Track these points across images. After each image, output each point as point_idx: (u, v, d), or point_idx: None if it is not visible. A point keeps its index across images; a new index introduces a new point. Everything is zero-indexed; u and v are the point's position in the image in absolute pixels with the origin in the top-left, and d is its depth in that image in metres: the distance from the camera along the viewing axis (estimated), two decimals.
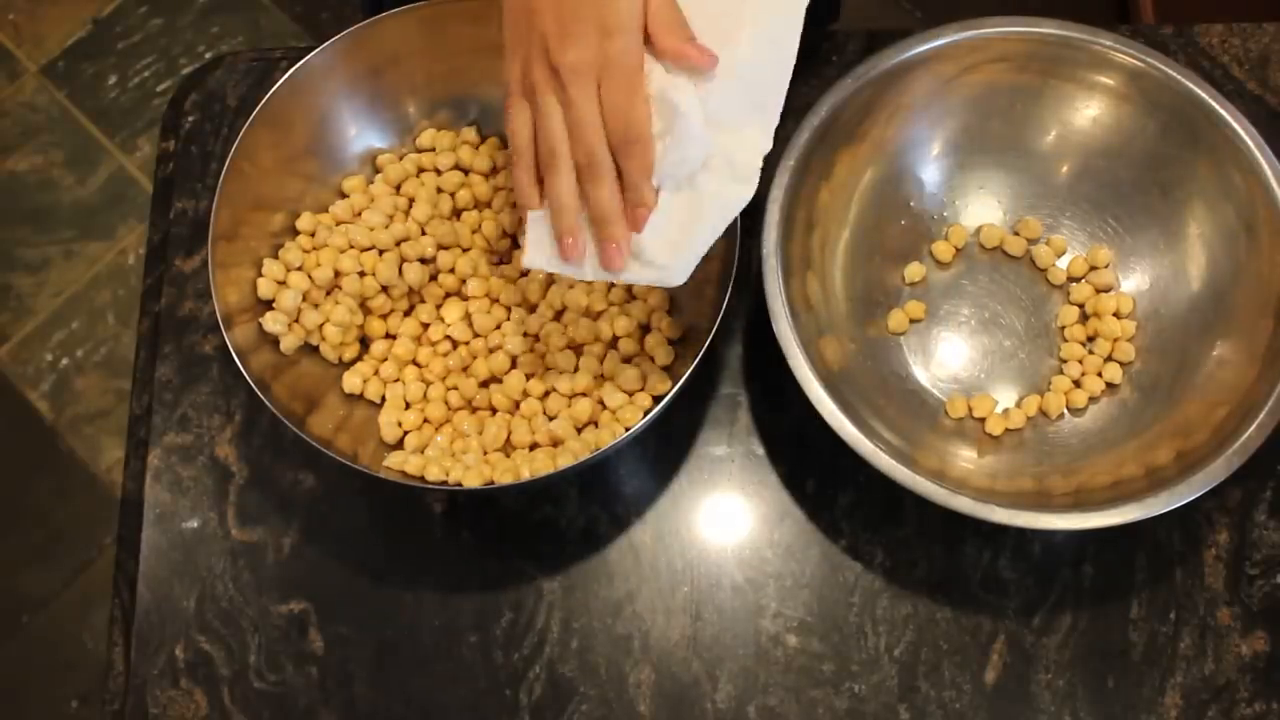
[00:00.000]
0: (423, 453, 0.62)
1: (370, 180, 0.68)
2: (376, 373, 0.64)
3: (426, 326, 0.65)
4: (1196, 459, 0.57)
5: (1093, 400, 0.65)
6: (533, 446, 0.62)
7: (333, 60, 0.64)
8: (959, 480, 0.59)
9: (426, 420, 0.63)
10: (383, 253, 0.64)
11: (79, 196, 1.51)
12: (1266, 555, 0.63)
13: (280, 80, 0.62)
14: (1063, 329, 0.67)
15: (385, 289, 0.64)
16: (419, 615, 0.63)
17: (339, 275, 0.63)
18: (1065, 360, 0.66)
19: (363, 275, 0.64)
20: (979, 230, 0.69)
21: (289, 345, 0.62)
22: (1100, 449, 0.63)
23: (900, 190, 0.68)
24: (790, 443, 0.66)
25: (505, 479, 0.58)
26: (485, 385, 0.64)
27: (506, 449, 0.62)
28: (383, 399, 0.64)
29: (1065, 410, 0.65)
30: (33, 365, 1.44)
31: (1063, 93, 0.66)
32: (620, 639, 0.62)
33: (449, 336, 0.65)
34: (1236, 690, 0.61)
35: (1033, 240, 0.68)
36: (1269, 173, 0.61)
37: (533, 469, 0.59)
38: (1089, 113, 0.66)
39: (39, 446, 1.40)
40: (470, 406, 0.64)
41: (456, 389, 0.64)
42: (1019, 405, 0.65)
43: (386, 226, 0.65)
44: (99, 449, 1.40)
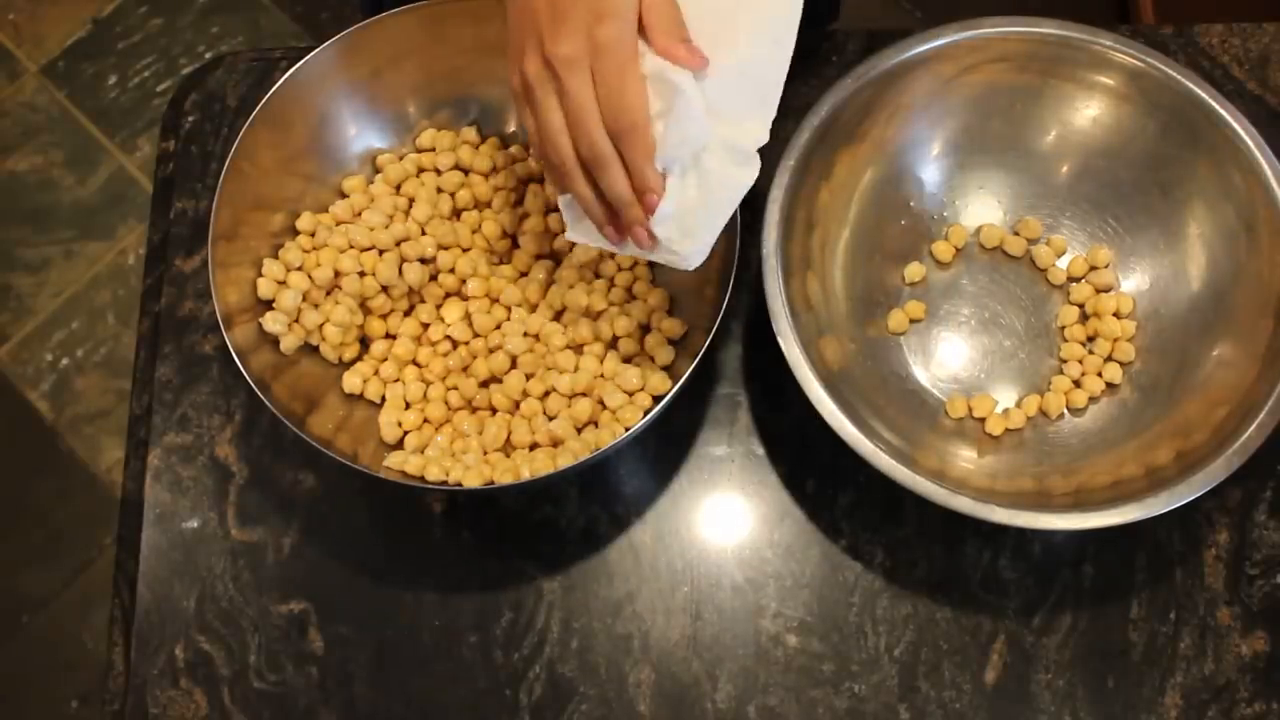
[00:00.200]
0: (423, 453, 0.62)
1: (370, 180, 0.68)
2: (376, 373, 0.64)
3: (426, 326, 0.65)
4: (1196, 459, 0.57)
5: (1093, 400, 0.65)
6: (533, 446, 0.62)
7: (333, 60, 0.64)
8: (959, 480, 0.59)
9: (426, 420, 0.63)
10: (383, 253, 0.64)
11: (79, 196, 1.51)
12: (1266, 555, 0.63)
13: (280, 80, 0.62)
14: (1063, 329, 0.67)
15: (385, 289, 0.64)
16: (419, 615, 0.63)
17: (339, 275, 0.63)
18: (1065, 360, 0.66)
19: (363, 275, 0.64)
20: (979, 230, 0.69)
21: (289, 345, 0.62)
22: (1100, 449, 0.63)
23: (900, 190, 0.68)
24: (790, 443, 0.66)
25: (505, 479, 0.58)
26: (485, 385, 0.64)
27: (506, 449, 0.62)
28: (383, 399, 0.64)
29: (1065, 410, 0.65)
30: (33, 365, 1.44)
31: (1063, 93, 0.66)
32: (620, 639, 0.62)
33: (449, 336, 0.65)
34: (1236, 690, 0.61)
35: (1033, 240, 0.68)
36: (1269, 173, 0.61)
37: (533, 469, 0.59)
38: (1089, 113, 0.66)
39: (39, 446, 1.40)
40: (470, 406, 0.64)
41: (456, 389, 0.64)
42: (1019, 405, 0.65)
43: (386, 226, 0.65)
44: (99, 449, 1.40)
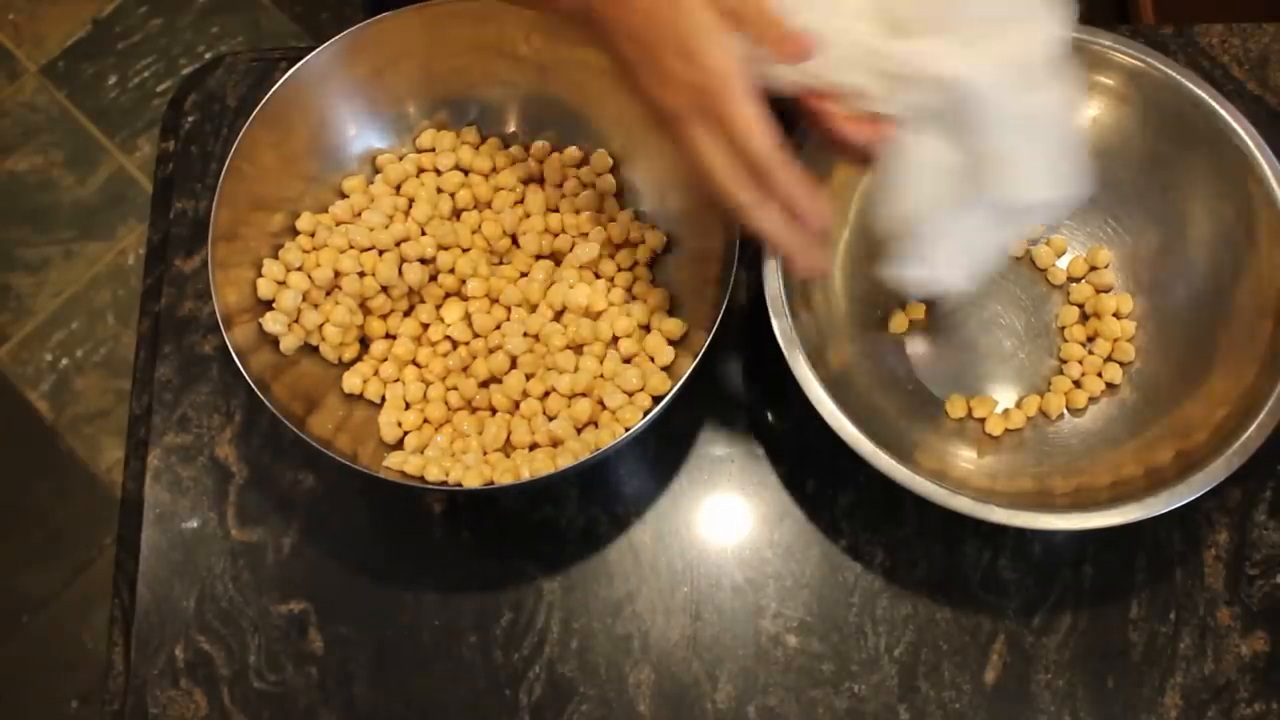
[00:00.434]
0: (423, 453, 0.62)
1: (370, 180, 0.68)
2: (376, 373, 0.64)
3: (426, 326, 0.65)
4: (1196, 459, 0.57)
5: (1093, 400, 0.65)
6: (533, 446, 0.62)
7: (333, 60, 0.64)
8: (959, 480, 0.59)
9: (426, 420, 0.63)
10: (383, 253, 0.64)
11: (79, 196, 1.51)
12: (1266, 555, 0.63)
13: (280, 80, 0.62)
14: (1063, 329, 0.67)
15: (385, 289, 0.64)
16: (419, 615, 0.63)
17: (339, 275, 0.63)
18: (1065, 360, 0.66)
19: (363, 275, 0.64)
20: None
21: (289, 345, 0.62)
22: (1100, 449, 0.63)
23: None
24: (790, 443, 0.66)
25: (505, 479, 0.58)
26: (485, 385, 0.64)
27: (506, 449, 0.62)
28: (383, 399, 0.64)
29: (1065, 410, 0.65)
30: (33, 365, 1.44)
31: None
32: (620, 639, 0.62)
33: (449, 336, 0.65)
34: (1236, 690, 0.61)
35: (1033, 240, 0.68)
36: (1269, 173, 0.61)
37: (533, 469, 0.59)
38: (1089, 113, 0.66)
39: (39, 446, 1.40)
40: (470, 406, 0.64)
41: (456, 389, 0.64)
42: (1019, 405, 0.65)
43: (386, 226, 0.65)
44: (99, 449, 1.40)
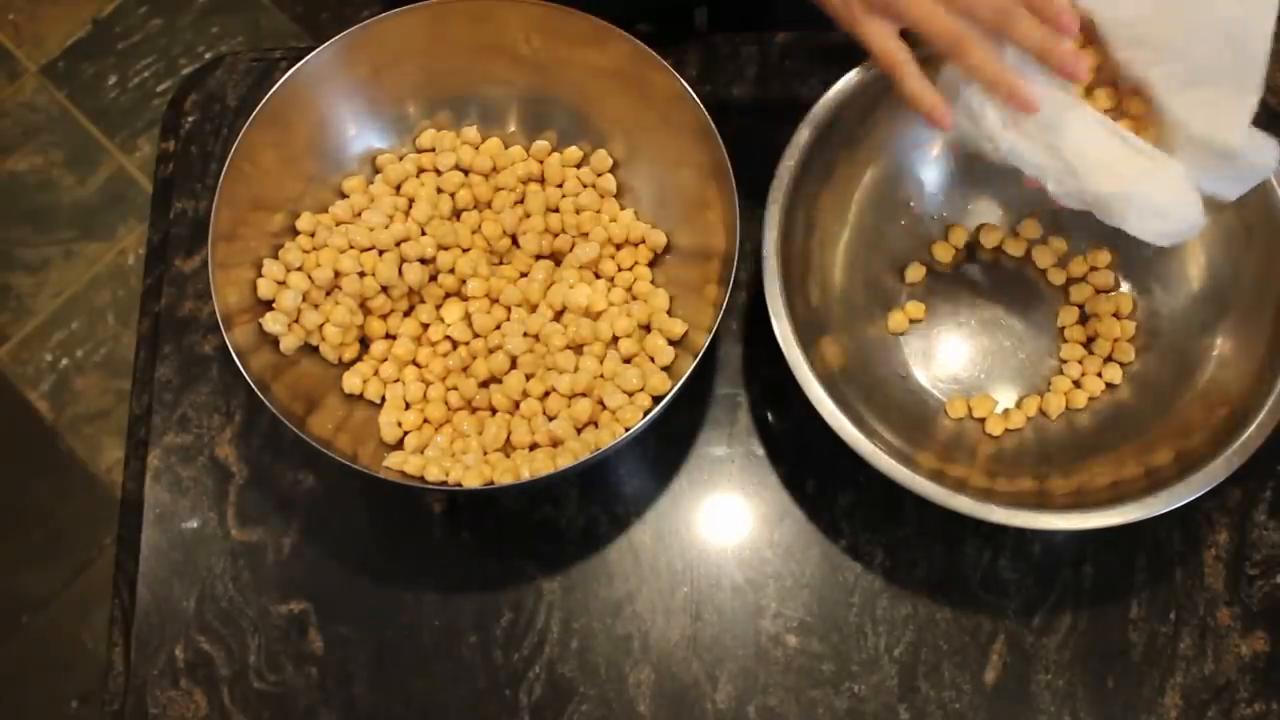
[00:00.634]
0: (423, 453, 0.62)
1: (370, 180, 0.68)
2: (376, 373, 0.64)
3: (426, 326, 0.65)
4: (1196, 459, 0.57)
5: (1093, 400, 0.65)
6: (533, 447, 0.62)
7: (333, 60, 0.64)
8: (959, 480, 0.59)
9: (426, 420, 0.63)
10: (383, 253, 0.64)
11: (79, 196, 1.51)
12: (1266, 555, 0.63)
13: (280, 80, 0.62)
14: (1063, 329, 0.67)
15: (385, 289, 0.64)
16: (419, 615, 0.63)
17: (339, 275, 0.63)
18: (1065, 360, 0.66)
19: (363, 275, 0.64)
20: (979, 230, 0.69)
21: (289, 345, 0.62)
22: (1100, 449, 0.63)
23: (900, 190, 0.68)
24: (790, 443, 0.66)
25: (505, 479, 0.58)
26: (485, 385, 0.64)
27: (506, 449, 0.62)
28: (383, 399, 0.64)
29: (1065, 410, 0.65)
30: (33, 365, 1.44)
31: None
32: (620, 639, 0.62)
33: (449, 336, 0.65)
34: (1236, 690, 0.61)
35: (1033, 240, 0.68)
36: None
37: (533, 469, 0.59)
38: None
39: (39, 446, 1.40)
40: (470, 406, 0.64)
41: (456, 389, 0.64)
42: (1019, 405, 0.65)
43: (386, 226, 0.65)
44: (99, 449, 1.40)
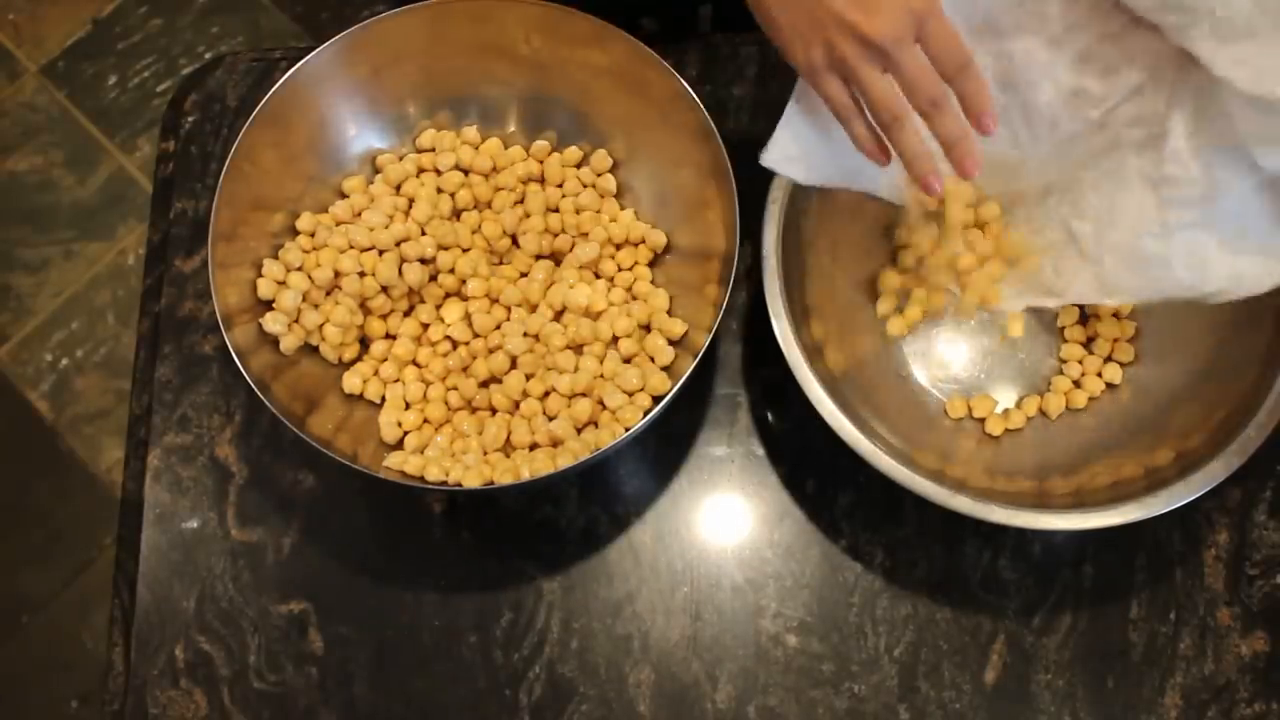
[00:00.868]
0: (423, 453, 0.62)
1: (370, 180, 0.68)
2: (376, 373, 0.64)
3: (426, 326, 0.65)
4: (1196, 459, 0.57)
5: (1093, 400, 0.65)
6: (533, 447, 0.62)
7: (333, 60, 0.64)
8: (959, 480, 0.59)
9: (426, 420, 0.63)
10: (383, 253, 0.64)
11: (79, 196, 1.51)
12: (1266, 555, 0.63)
13: (280, 80, 0.62)
14: (1063, 329, 0.67)
15: (385, 289, 0.64)
16: (419, 615, 0.63)
17: (339, 275, 0.63)
18: (1065, 360, 0.66)
19: (363, 275, 0.64)
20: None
21: (289, 345, 0.62)
22: (1100, 449, 0.63)
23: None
24: (790, 443, 0.66)
25: (505, 479, 0.58)
26: (485, 385, 0.64)
27: (506, 449, 0.62)
28: (383, 399, 0.64)
29: (1065, 410, 0.65)
30: (33, 365, 1.44)
31: None
32: (620, 639, 0.62)
33: (449, 336, 0.65)
34: (1236, 690, 0.61)
35: None
36: None
37: (532, 469, 0.59)
38: None
39: (39, 446, 1.40)
40: (470, 406, 0.64)
41: (456, 389, 0.64)
42: (1019, 405, 0.65)
43: (386, 227, 0.65)
44: (99, 449, 1.40)
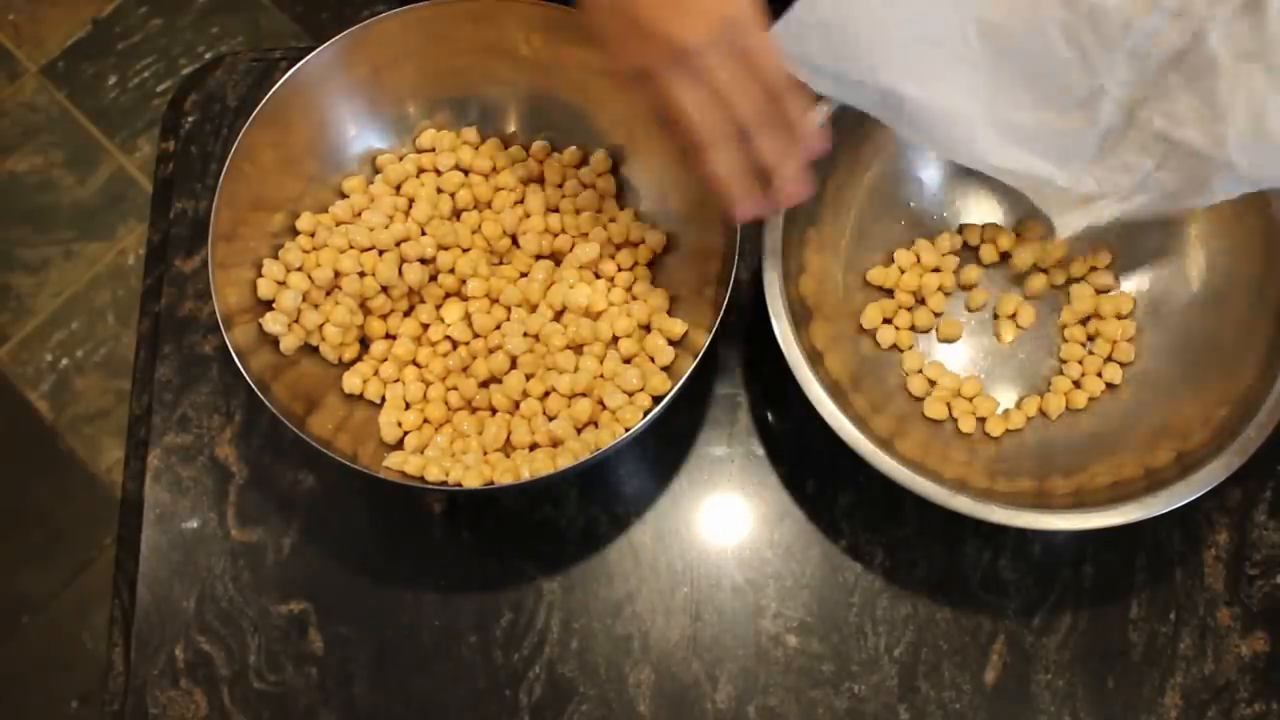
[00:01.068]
0: (423, 453, 0.62)
1: (370, 180, 0.68)
2: (376, 373, 0.64)
3: (426, 327, 0.65)
4: (1196, 459, 0.57)
5: (1093, 400, 0.65)
6: (533, 447, 0.62)
7: (333, 60, 0.64)
8: (959, 480, 0.59)
9: (426, 420, 0.63)
10: (383, 253, 0.64)
11: (79, 197, 1.51)
12: (1266, 555, 0.63)
13: (280, 80, 0.62)
14: (1063, 329, 0.67)
15: (385, 289, 0.64)
16: (419, 615, 0.63)
17: (339, 275, 0.63)
18: (1065, 360, 0.66)
19: (363, 275, 0.64)
20: (980, 230, 0.68)
21: (289, 345, 0.62)
22: (1100, 449, 0.63)
23: (900, 190, 0.68)
24: (790, 443, 0.66)
25: (505, 479, 0.58)
26: (485, 385, 0.64)
27: (506, 449, 0.62)
28: (383, 399, 0.64)
29: (1065, 410, 0.65)
30: (33, 365, 1.44)
31: None
32: (620, 639, 0.62)
33: (449, 336, 0.65)
34: (1236, 690, 0.61)
35: (1033, 240, 0.68)
36: None
37: (532, 469, 0.59)
38: None
39: (39, 446, 1.40)
40: (470, 407, 0.64)
41: (456, 389, 0.64)
42: (1019, 405, 0.65)
43: (386, 227, 0.65)
44: (99, 449, 1.40)
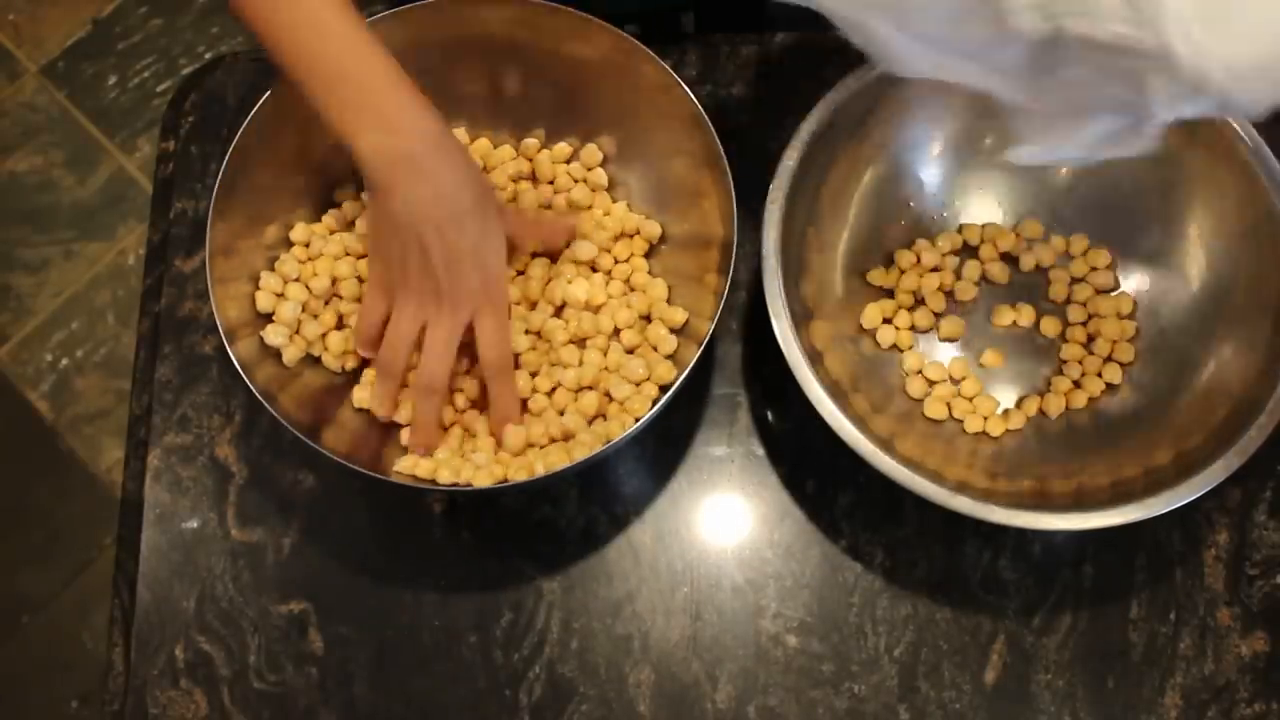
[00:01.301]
0: (432, 455, 0.62)
1: (363, 188, 0.67)
2: None
3: None
4: (1196, 459, 0.57)
5: (1093, 400, 0.65)
6: (546, 443, 0.61)
7: None
8: (959, 480, 0.59)
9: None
10: None
11: (79, 197, 1.51)
12: (1266, 555, 0.63)
13: (280, 80, 0.62)
14: (1063, 329, 0.67)
15: None
16: (419, 615, 0.63)
17: (336, 283, 0.63)
18: (1065, 360, 0.66)
19: (360, 281, 0.63)
20: (979, 230, 0.68)
21: (291, 357, 0.62)
22: (1100, 449, 0.63)
23: (900, 190, 0.68)
24: (790, 443, 0.66)
25: (520, 476, 0.58)
26: None
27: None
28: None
29: (1065, 410, 0.65)
30: (33, 365, 1.44)
31: None
32: (620, 639, 0.62)
33: None
34: (1236, 690, 0.61)
35: (1033, 240, 0.68)
36: (1269, 173, 0.61)
37: (547, 464, 0.58)
38: None
39: (39, 446, 1.40)
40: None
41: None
42: (1019, 405, 0.65)
43: None
44: (99, 449, 1.40)
